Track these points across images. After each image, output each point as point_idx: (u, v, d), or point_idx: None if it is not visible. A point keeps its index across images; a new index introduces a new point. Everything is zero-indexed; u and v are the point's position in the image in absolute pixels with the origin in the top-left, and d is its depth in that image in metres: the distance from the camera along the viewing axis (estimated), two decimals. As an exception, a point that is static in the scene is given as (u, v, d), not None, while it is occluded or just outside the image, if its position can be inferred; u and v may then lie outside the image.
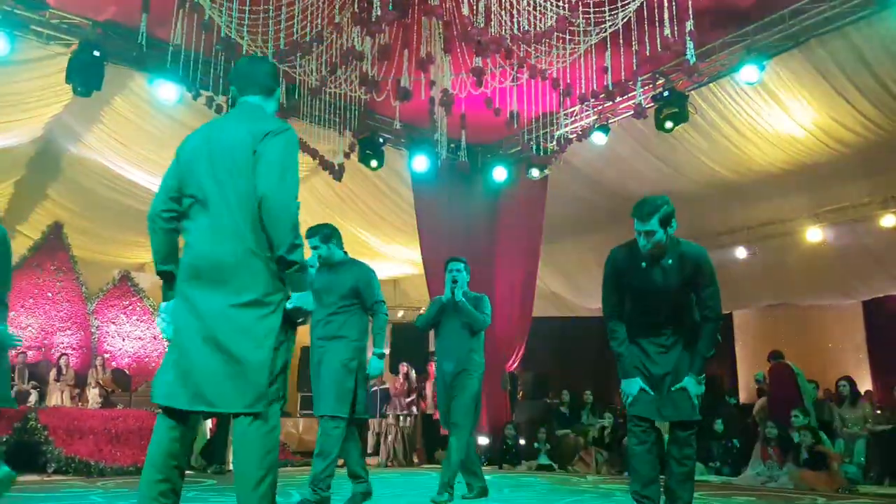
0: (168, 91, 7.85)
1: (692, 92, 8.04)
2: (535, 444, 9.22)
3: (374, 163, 9.21)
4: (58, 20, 7.44)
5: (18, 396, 9.17)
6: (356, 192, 10.77)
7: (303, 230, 2.75)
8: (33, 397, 9.33)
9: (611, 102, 8.16)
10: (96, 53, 7.32)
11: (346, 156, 8.43)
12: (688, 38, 5.80)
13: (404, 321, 13.58)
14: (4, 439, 7.10)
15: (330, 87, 6.94)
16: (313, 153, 8.02)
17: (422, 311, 5.67)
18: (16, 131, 9.21)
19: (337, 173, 8.22)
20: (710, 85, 8.09)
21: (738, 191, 9.90)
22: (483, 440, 9.75)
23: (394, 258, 13.10)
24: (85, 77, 7.34)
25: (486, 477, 4.98)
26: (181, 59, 6.49)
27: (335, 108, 8.01)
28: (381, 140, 9.26)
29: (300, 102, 7.64)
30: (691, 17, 5.70)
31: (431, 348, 8.47)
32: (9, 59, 7.33)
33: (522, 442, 9.60)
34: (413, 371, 10.61)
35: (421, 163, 9.81)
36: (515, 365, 10.31)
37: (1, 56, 7.06)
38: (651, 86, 8.22)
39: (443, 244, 9.68)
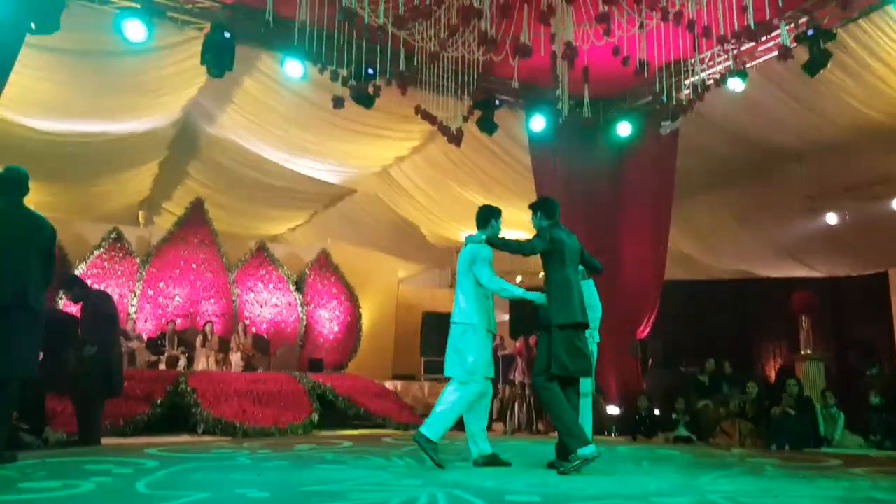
0: (294, 68, 8.10)
1: (838, 29, 7.25)
2: (674, 415, 8.87)
3: (492, 129, 9.09)
4: (191, 5, 7.80)
5: (168, 362, 9.95)
6: (470, 157, 10.71)
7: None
8: (182, 362, 10.08)
9: (749, 45, 7.50)
10: (227, 35, 7.62)
11: (465, 119, 8.33)
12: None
13: (522, 287, 13.47)
14: (159, 402, 7.70)
15: (447, 52, 6.83)
16: (432, 119, 7.98)
17: (540, 276, 5.54)
18: (157, 115, 9.86)
19: (455, 138, 8.14)
20: (860, 20, 7.26)
21: (892, 136, 8.91)
22: (614, 409, 9.50)
23: (510, 222, 12.97)
24: (217, 58, 7.68)
25: (621, 448, 4.79)
26: (306, 35, 6.58)
27: (452, 73, 7.91)
28: (496, 103, 9.08)
29: (418, 69, 7.59)
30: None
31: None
32: (148, 46, 7.79)
33: (657, 412, 9.26)
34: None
35: (539, 123, 9.60)
36: (646, 332, 9.92)
37: (139, 42, 7.50)
38: (793, 25, 7.48)
39: (563, 205, 9.38)
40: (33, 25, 6.77)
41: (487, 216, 5.28)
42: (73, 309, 6.81)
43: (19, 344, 4.52)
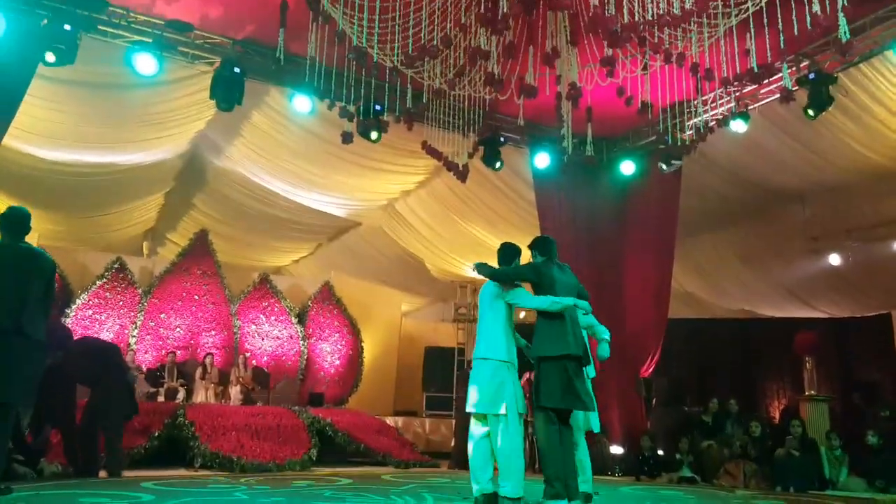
0: (302, 103, 8.22)
1: (839, 73, 7.38)
2: (678, 456, 8.77)
3: (497, 164, 9.17)
4: (201, 40, 7.94)
5: (167, 394, 9.88)
6: (476, 192, 10.78)
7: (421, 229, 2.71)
8: (181, 394, 10.00)
9: (751, 87, 7.62)
10: (236, 70, 7.75)
11: (470, 156, 8.41)
12: (840, 14, 5.26)
13: (525, 322, 13.46)
14: (157, 435, 7.64)
15: (454, 91, 6.93)
16: (438, 155, 8.06)
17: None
18: (165, 146, 9.96)
19: (461, 174, 8.21)
20: (860, 65, 7.40)
21: (893, 178, 8.97)
22: (617, 449, 9.39)
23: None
24: (227, 93, 7.79)
25: (624, 489, 4.72)
26: (315, 71, 6.70)
27: (459, 110, 8.02)
28: (501, 140, 9.19)
29: (426, 107, 7.69)
30: (843, -9, 5.15)
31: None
32: (158, 80, 7.92)
33: (661, 452, 9.15)
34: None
35: (543, 160, 9.69)
36: (650, 370, 9.85)
37: (150, 76, 7.63)
38: (795, 68, 7.60)
39: (567, 242, 9.43)
40: (53, 58, 6.92)
41: (511, 255, 5.34)
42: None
43: (16, 370, 4.55)
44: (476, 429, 5.01)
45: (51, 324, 6.90)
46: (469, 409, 5.01)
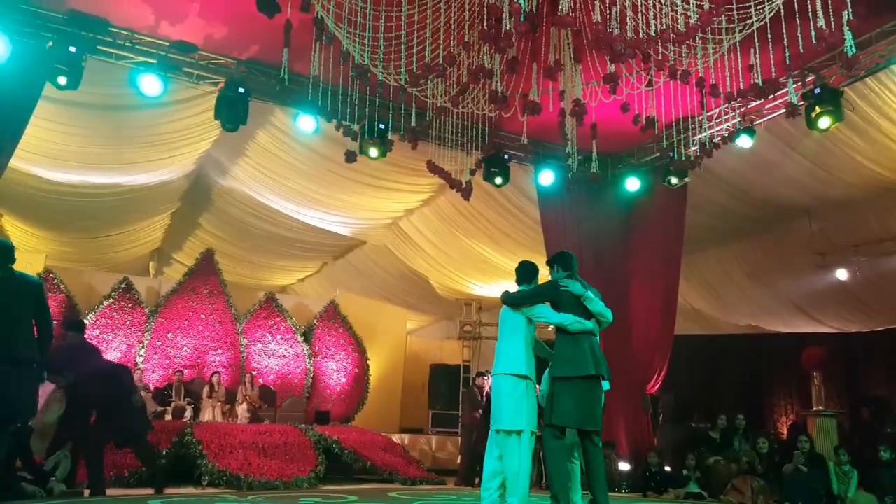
0: (307, 123, 8.26)
1: (845, 87, 7.40)
2: (685, 471, 8.71)
3: (498, 179, 9.18)
4: (206, 61, 8.01)
5: (175, 412, 9.87)
6: (480, 210, 10.81)
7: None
8: (188, 413, 9.98)
9: (757, 102, 7.64)
10: (241, 90, 7.81)
11: (472, 173, 8.43)
12: (846, 28, 5.28)
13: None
14: (164, 453, 7.62)
15: (458, 108, 6.96)
16: (442, 173, 8.07)
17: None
18: (171, 167, 10.03)
19: (465, 192, 8.22)
20: (867, 79, 7.42)
21: (901, 193, 8.98)
22: (624, 465, 9.33)
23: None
24: (231, 113, 7.84)
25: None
26: (319, 90, 6.74)
27: (462, 128, 8.05)
28: (505, 157, 9.22)
29: (429, 125, 7.72)
30: (849, 5, 5.18)
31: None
32: (163, 101, 7.99)
33: (668, 468, 9.08)
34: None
35: (547, 177, 9.70)
36: (657, 387, 9.79)
37: (155, 96, 7.69)
38: (800, 83, 7.63)
39: (572, 259, 9.42)
40: (65, 81, 7.01)
41: (530, 273, 5.33)
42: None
43: (10, 390, 4.62)
44: (494, 446, 4.98)
45: (77, 341, 6.91)
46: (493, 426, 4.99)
